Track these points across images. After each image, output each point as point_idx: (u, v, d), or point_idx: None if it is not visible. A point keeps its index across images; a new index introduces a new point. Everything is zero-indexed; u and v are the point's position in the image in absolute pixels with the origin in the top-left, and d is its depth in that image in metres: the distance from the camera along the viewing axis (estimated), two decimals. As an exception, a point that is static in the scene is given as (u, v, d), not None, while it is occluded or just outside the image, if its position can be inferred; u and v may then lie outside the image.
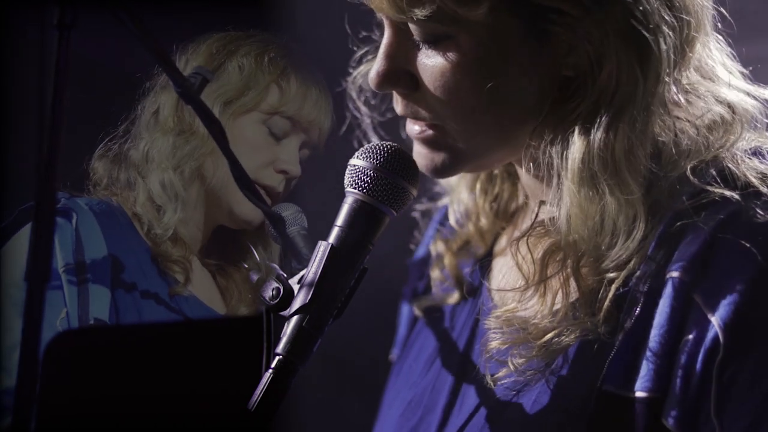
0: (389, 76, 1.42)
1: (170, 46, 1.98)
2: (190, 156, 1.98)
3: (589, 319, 1.36)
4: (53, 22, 1.29)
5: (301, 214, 1.96)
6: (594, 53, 1.33)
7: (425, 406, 1.55)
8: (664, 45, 1.33)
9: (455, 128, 1.41)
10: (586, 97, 1.35)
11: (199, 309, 2.01)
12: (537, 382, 1.40)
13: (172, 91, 1.99)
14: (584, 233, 1.35)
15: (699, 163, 1.37)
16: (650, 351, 1.31)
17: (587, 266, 1.38)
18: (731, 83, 1.43)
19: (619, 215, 1.34)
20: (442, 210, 1.75)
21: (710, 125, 1.40)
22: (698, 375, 1.28)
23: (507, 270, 1.56)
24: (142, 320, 1.88)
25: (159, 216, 1.97)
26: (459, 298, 1.64)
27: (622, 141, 1.33)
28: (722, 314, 1.28)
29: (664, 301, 1.32)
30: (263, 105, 2.02)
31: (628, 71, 1.33)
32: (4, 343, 1.79)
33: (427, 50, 1.38)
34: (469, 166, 1.50)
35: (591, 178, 1.34)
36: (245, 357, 1.34)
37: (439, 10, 1.32)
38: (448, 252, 1.67)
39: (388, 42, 1.41)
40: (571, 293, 1.40)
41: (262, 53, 2.03)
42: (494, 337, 1.44)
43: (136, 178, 1.99)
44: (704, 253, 1.31)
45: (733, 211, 1.32)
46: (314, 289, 1.34)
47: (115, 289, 1.88)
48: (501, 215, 1.65)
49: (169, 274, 1.98)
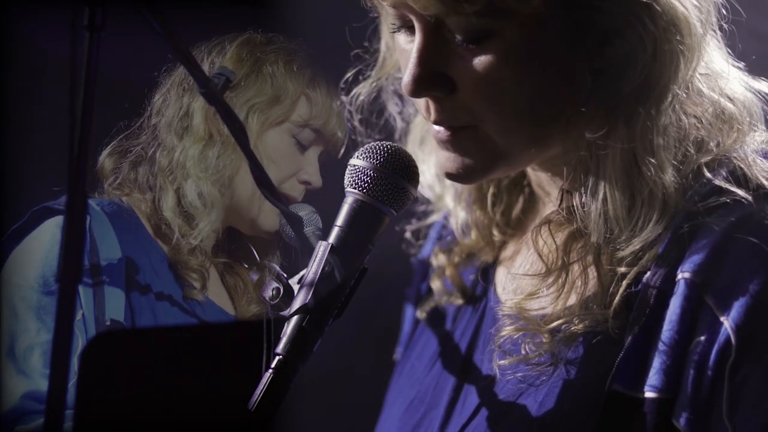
0: (426, 81, 1.37)
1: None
2: (226, 165, 1.97)
3: (600, 311, 1.36)
4: (83, 24, 1.29)
5: (316, 215, 1.96)
6: (641, 35, 1.32)
7: (428, 404, 1.55)
8: (697, 23, 1.34)
9: (494, 128, 1.38)
10: (631, 80, 1.33)
11: (212, 311, 2.00)
12: (545, 381, 1.40)
13: (201, 97, 1.99)
14: (620, 214, 1.35)
15: (711, 162, 1.37)
16: (660, 351, 1.31)
17: (606, 254, 1.38)
18: (734, 76, 1.43)
19: (654, 197, 1.34)
20: (441, 218, 1.75)
21: (717, 119, 1.40)
22: (710, 377, 1.28)
23: (518, 267, 1.56)
24: (157, 322, 1.88)
25: (190, 225, 1.96)
26: (462, 302, 1.64)
27: (664, 120, 1.34)
28: (734, 316, 1.28)
29: (675, 301, 1.32)
30: (294, 117, 2.02)
31: (671, 50, 1.32)
32: (19, 346, 1.79)
33: (467, 49, 1.34)
34: (502, 167, 1.46)
35: (634, 159, 1.34)
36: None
37: (491, 4, 1.29)
38: (450, 264, 1.66)
39: (421, 45, 1.36)
40: (588, 288, 1.40)
41: (290, 62, 2.02)
42: (507, 323, 1.45)
43: (163, 183, 1.98)
44: (716, 254, 1.31)
45: (745, 213, 1.33)
46: (314, 289, 1.34)
47: (129, 290, 1.88)
48: (510, 224, 1.64)
49: (184, 278, 1.98)
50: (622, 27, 1.32)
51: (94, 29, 1.29)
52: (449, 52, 1.36)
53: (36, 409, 1.74)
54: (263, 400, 1.29)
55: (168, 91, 2.03)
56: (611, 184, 1.35)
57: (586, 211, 1.38)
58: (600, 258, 1.38)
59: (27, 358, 1.78)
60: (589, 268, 1.40)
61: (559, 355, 1.39)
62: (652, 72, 1.33)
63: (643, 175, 1.34)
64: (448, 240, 1.70)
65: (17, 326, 1.81)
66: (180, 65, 1.99)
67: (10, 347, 1.80)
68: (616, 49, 1.33)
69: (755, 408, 1.27)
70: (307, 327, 1.33)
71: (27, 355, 1.79)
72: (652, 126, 1.34)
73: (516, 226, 1.63)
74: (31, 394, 1.75)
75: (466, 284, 1.64)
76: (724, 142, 1.39)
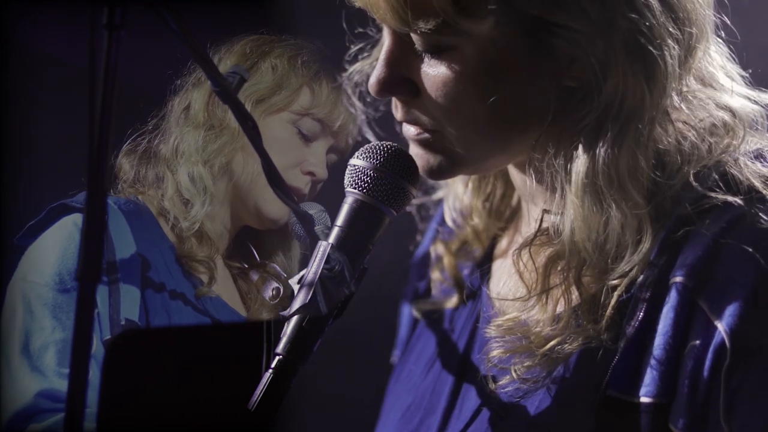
0: (389, 84, 1.41)
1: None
2: (220, 151, 1.98)
3: (591, 326, 1.36)
4: (102, 23, 1.29)
5: (324, 214, 1.96)
6: (599, 67, 1.32)
7: (425, 409, 1.55)
8: (669, 59, 1.32)
9: (454, 135, 1.40)
10: (591, 110, 1.33)
11: (223, 310, 2.01)
12: (540, 389, 1.40)
13: (204, 88, 2.00)
14: (589, 246, 1.35)
15: (702, 168, 1.36)
16: (654, 356, 1.31)
17: (590, 275, 1.38)
18: (733, 89, 1.42)
19: (625, 228, 1.33)
20: (440, 211, 1.75)
21: (712, 129, 1.39)
22: (706, 381, 1.28)
23: (507, 276, 1.55)
24: (171, 321, 1.88)
25: (186, 210, 1.97)
26: (458, 301, 1.64)
27: (626, 156, 1.33)
28: (728, 320, 1.27)
29: (668, 306, 1.31)
30: (294, 105, 2.03)
31: (634, 85, 1.32)
32: (34, 344, 1.79)
33: (430, 60, 1.38)
34: (466, 170, 1.50)
35: (595, 193, 1.34)
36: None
37: (444, 23, 1.32)
38: (447, 253, 1.66)
39: (388, 50, 1.41)
40: (573, 300, 1.40)
41: (296, 56, 2.04)
42: (496, 345, 1.44)
43: (165, 173, 1.99)
44: (708, 258, 1.30)
45: (736, 215, 1.32)
46: (314, 289, 1.34)
47: (144, 289, 1.88)
48: (495, 215, 1.64)
49: (193, 275, 1.98)
50: (581, 57, 1.33)
51: (113, 28, 1.28)
52: (414, 59, 1.39)
53: (49, 408, 1.75)
54: (263, 400, 1.29)
55: (184, 92, 2.04)
56: (579, 208, 1.35)
57: (559, 236, 1.39)
58: (581, 279, 1.38)
59: (41, 356, 1.79)
60: (572, 287, 1.39)
61: (552, 369, 1.39)
62: (613, 106, 1.32)
63: (608, 208, 1.34)
64: (446, 234, 1.70)
65: (32, 324, 1.81)
66: (195, 68, 2.02)
67: (24, 345, 1.80)
68: (579, 74, 1.34)
69: (752, 411, 1.27)
70: (307, 327, 1.34)
71: (41, 353, 1.79)
72: (614, 161, 1.33)
73: (508, 219, 1.64)
74: (45, 392, 1.76)
75: (462, 278, 1.64)
76: (716, 149, 1.38)
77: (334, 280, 1.37)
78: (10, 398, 1.77)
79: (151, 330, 1.67)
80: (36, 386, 1.77)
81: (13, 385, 1.78)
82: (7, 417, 1.76)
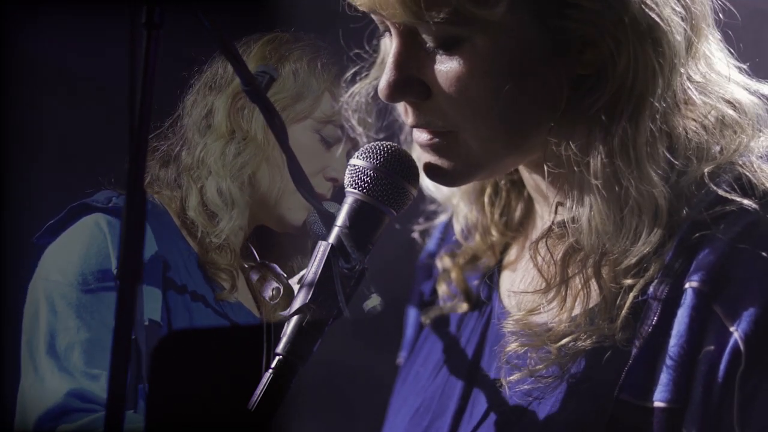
0: (401, 86, 1.38)
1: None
2: (246, 163, 1.98)
3: (606, 324, 1.35)
4: (141, 22, 1.28)
5: None
6: (614, 46, 1.31)
7: (434, 412, 1.53)
8: (677, 35, 1.32)
9: (470, 133, 1.39)
10: (605, 91, 1.33)
11: (241, 313, 2.01)
12: (552, 391, 1.39)
13: (225, 94, 2.00)
14: (609, 228, 1.34)
15: (716, 169, 1.36)
16: (669, 361, 1.30)
17: (608, 266, 1.37)
18: (736, 80, 1.41)
19: (642, 209, 1.33)
20: (443, 222, 1.74)
21: (720, 125, 1.38)
22: (720, 386, 1.27)
23: (520, 278, 1.54)
24: (192, 323, 1.88)
25: (212, 223, 1.96)
26: (467, 308, 1.62)
27: (643, 132, 1.32)
28: (743, 325, 1.26)
29: (683, 311, 1.30)
30: (317, 113, 2.03)
31: (645, 62, 1.31)
32: (60, 343, 1.79)
33: (441, 56, 1.36)
34: (482, 173, 1.47)
35: (614, 173, 1.33)
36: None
37: (456, 12, 1.30)
38: (455, 267, 1.65)
39: (397, 51, 1.38)
40: (591, 298, 1.39)
41: (315, 59, 2.04)
42: (513, 339, 1.43)
43: (187, 182, 1.98)
44: (723, 263, 1.30)
45: (752, 221, 1.31)
46: (314, 289, 1.34)
47: (166, 290, 1.88)
48: (510, 227, 1.62)
49: (215, 280, 1.98)
50: (595, 37, 1.32)
51: (152, 26, 1.28)
52: (424, 58, 1.37)
53: (79, 408, 1.75)
54: (263, 400, 1.29)
55: (198, 92, 2.04)
56: (596, 197, 1.34)
57: (576, 225, 1.38)
58: (600, 271, 1.37)
59: (68, 356, 1.79)
60: (591, 281, 1.39)
61: (566, 367, 1.38)
62: (626, 84, 1.32)
63: (627, 189, 1.33)
64: (453, 241, 1.69)
65: (57, 323, 1.81)
66: (208, 67, 2.03)
67: (50, 344, 1.80)
68: (593, 59, 1.34)
69: (766, 417, 1.26)
70: (307, 327, 1.33)
71: (68, 353, 1.79)
72: (631, 139, 1.32)
73: (517, 229, 1.62)
74: (75, 392, 1.76)
75: (471, 289, 1.63)
76: (728, 149, 1.37)
77: (354, 280, 1.37)
78: (39, 397, 1.78)
79: (195, 330, 1.67)
80: (65, 386, 1.78)
81: (42, 384, 1.79)
82: (37, 415, 1.76)
